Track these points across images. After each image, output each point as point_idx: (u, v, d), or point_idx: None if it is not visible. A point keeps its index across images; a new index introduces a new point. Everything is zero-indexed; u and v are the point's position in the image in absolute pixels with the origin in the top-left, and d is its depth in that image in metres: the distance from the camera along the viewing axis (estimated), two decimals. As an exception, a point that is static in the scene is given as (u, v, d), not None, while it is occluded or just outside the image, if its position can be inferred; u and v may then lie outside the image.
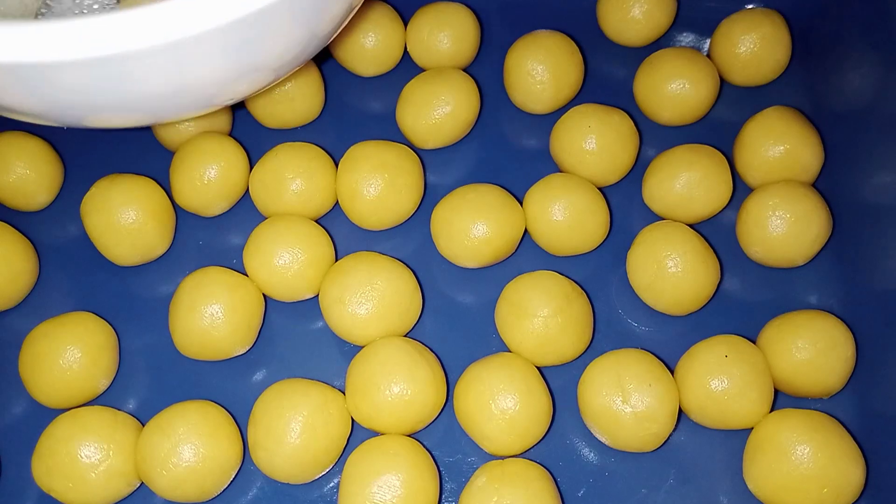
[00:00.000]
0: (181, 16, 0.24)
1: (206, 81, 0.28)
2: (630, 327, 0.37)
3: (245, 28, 0.25)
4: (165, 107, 0.29)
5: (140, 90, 0.27)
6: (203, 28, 0.24)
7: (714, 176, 0.36)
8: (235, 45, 0.26)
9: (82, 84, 0.25)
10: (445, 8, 0.41)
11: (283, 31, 0.27)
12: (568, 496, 0.33)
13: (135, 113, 0.29)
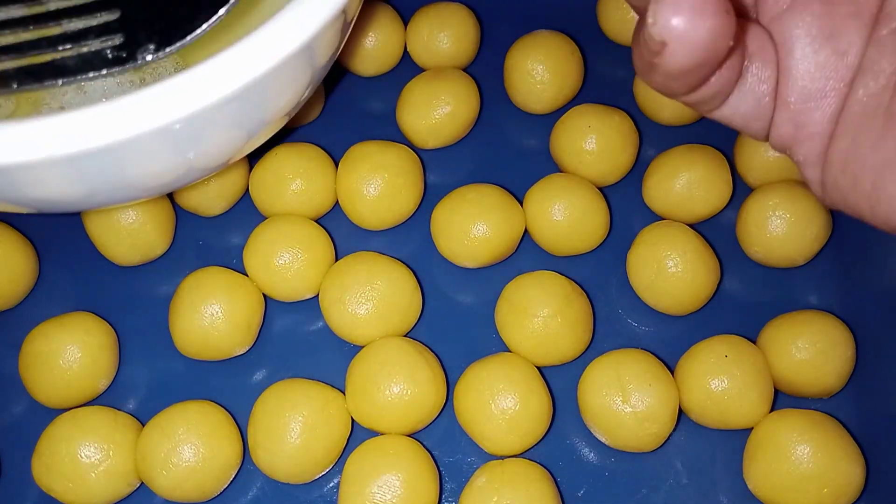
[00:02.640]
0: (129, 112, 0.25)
1: (147, 178, 0.28)
2: (630, 327, 0.37)
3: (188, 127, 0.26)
4: (112, 199, 0.30)
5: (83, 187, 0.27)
6: (145, 128, 0.25)
7: (714, 176, 0.36)
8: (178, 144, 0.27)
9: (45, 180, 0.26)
10: (445, 8, 0.41)
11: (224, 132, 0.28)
12: (568, 496, 0.33)
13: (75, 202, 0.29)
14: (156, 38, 0.28)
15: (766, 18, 0.24)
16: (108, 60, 0.28)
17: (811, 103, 0.23)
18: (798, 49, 0.23)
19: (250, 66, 0.25)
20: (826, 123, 0.23)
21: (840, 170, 0.23)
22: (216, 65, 0.25)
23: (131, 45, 0.28)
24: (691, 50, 0.20)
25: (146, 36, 0.28)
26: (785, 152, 0.25)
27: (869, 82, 0.22)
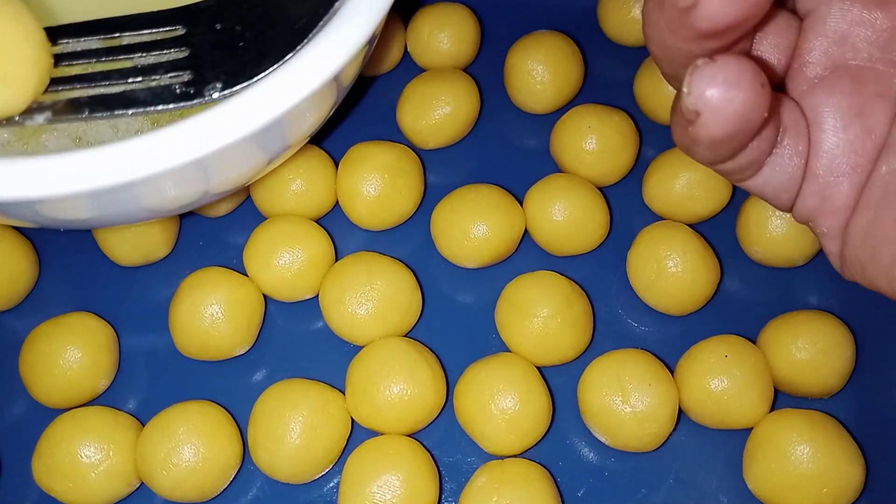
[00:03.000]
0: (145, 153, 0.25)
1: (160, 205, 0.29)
2: (630, 327, 0.37)
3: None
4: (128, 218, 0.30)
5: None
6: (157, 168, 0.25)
7: (714, 176, 0.36)
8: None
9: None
10: (445, 8, 0.41)
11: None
12: (568, 496, 0.33)
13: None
14: (223, 77, 0.29)
15: (797, 92, 0.25)
16: (176, 95, 0.29)
17: (838, 178, 0.24)
18: (828, 124, 0.24)
19: (278, 101, 0.26)
20: (850, 198, 0.24)
21: (860, 243, 0.24)
22: (246, 100, 0.26)
23: (199, 82, 0.29)
24: (725, 121, 0.21)
25: (214, 74, 0.29)
26: (808, 224, 0.26)
27: (892, 160, 0.23)
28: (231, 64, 0.29)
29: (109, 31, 0.30)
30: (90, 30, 0.30)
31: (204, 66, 0.29)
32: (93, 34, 0.30)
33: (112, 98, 0.29)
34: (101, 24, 0.31)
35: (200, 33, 0.30)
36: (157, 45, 0.30)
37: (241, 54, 0.29)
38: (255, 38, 0.29)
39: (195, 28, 0.30)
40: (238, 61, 0.29)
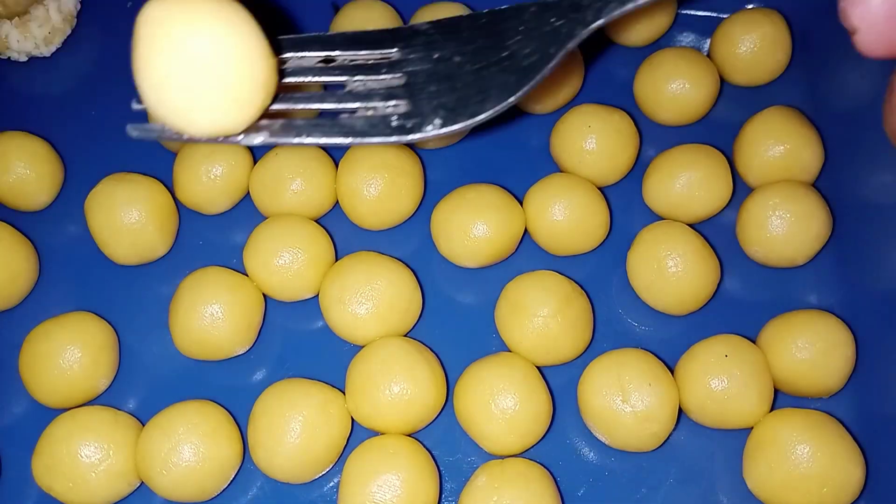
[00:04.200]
0: None
1: None
2: (630, 327, 0.37)
3: None
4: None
5: None
6: None
7: (714, 176, 0.36)
8: None
9: None
10: (445, 8, 0.41)
11: None
12: (568, 496, 0.33)
13: None
14: (442, 112, 0.27)
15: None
16: (393, 128, 0.28)
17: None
18: None
19: None
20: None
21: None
22: None
23: (416, 114, 0.28)
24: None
25: (431, 108, 0.28)
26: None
27: None
28: (450, 97, 0.28)
29: (323, 47, 0.29)
30: (304, 44, 0.30)
31: (421, 96, 0.28)
32: (307, 49, 0.29)
33: (328, 125, 0.28)
34: (315, 40, 0.30)
35: (416, 60, 0.29)
36: (373, 68, 0.29)
37: (461, 88, 0.28)
38: (475, 72, 0.28)
39: (410, 53, 0.29)
40: (459, 95, 0.28)
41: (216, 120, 0.26)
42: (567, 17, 0.27)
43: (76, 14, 0.44)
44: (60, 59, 0.44)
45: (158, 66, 0.25)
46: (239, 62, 0.25)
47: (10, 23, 0.42)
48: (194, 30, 0.24)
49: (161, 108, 0.26)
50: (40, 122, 0.41)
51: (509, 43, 0.28)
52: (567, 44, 0.27)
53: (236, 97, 0.25)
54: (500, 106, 0.27)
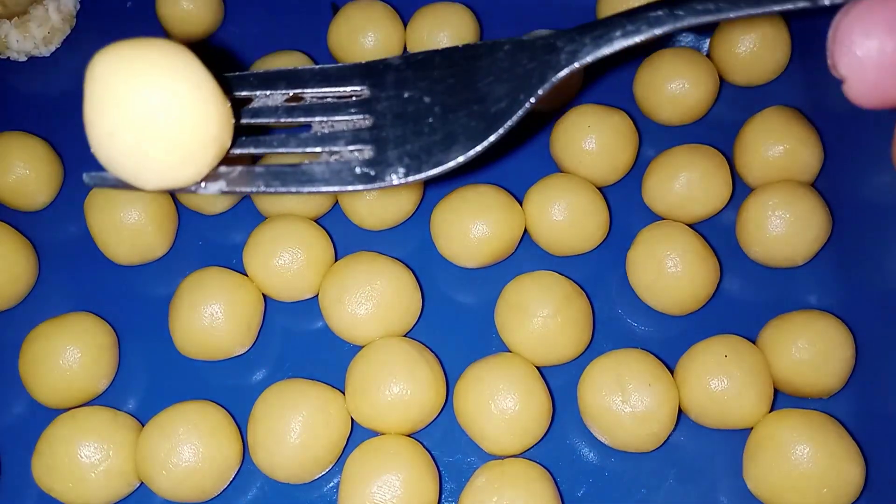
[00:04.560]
0: None
1: None
2: (630, 327, 0.37)
3: None
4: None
5: None
6: None
7: (714, 176, 0.36)
8: None
9: None
10: (445, 8, 0.41)
11: None
12: (568, 496, 0.33)
13: None
14: (406, 160, 0.27)
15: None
16: (355, 175, 0.27)
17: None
18: None
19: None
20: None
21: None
22: None
23: (380, 162, 0.27)
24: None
25: (396, 155, 0.27)
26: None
27: None
28: (416, 143, 0.27)
29: (291, 84, 0.29)
30: (271, 81, 0.29)
31: (387, 141, 0.27)
32: (274, 86, 0.29)
33: (288, 173, 0.27)
34: (282, 75, 0.29)
35: (385, 98, 0.28)
36: (340, 108, 0.28)
37: (428, 133, 0.27)
38: (443, 115, 0.27)
39: (380, 91, 0.28)
40: (424, 142, 0.27)
41: (165, 177, 0.25)
42: (539, 60, 0.27)
43: (75, 14, 0.44)
44: (60, 58, 0.44)
45: (103, 123, 0.24)
46: (187, 119, 0.24)
47: (10, 23, 0.42)
48: (138, 87, 0.23)
49: (109, 165, 0.25)
50: (40, 122, 0.41)
51: (480, 84, 0.27)
52: (537, 90, 0.26)
53: (185, 154, 0.25)
54: (464, 157, 0.27)
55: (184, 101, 0.24)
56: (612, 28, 0.26)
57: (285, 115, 0.28)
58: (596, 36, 0.26)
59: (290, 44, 0.42)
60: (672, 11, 0.25)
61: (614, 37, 0.26)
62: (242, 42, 0.44)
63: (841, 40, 0.23)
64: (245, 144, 0.28)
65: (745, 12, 0.24)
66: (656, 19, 0.25)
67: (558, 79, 0.26)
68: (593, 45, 0.26)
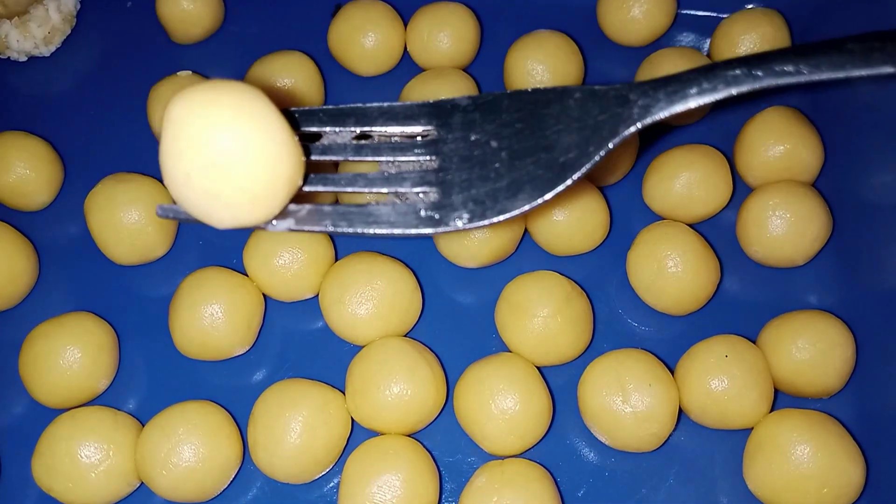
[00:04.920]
0: None
1: None
2: (630, 327, 0.37)
3: None
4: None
5: None
6: None
7: (714, 176, 0.36)
8: None
9: None
10: (445, 8, 0.41)
11: None
12: (568, 496, 0.33)
13: None
14: (471, 205, 0.26)
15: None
16: (420, 218, 0.27)
17: None
18: None
19: None
20: None
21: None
22: None
23: (445, 206, 0.27)
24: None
25: (461, 200, 0.26)
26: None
27: None
28: (481, 188, 0.26)
29: (359, 121, 0.28)
30: (340, 117, 0.28)
31: (452, 184, 0.27)
32: (342, 123, 0.28)
33: (355, 214, 0.27)
34: (351, 112, 0.29)
35: (452, 140, 0.27)
36: (407, 149, 0.28)
37: (494, 178, 0.26)
38: (510, 161, 0.27)
39: (447, 132, 0.28)
40: (490, 187, 0.26)
41: (237, 217, 0.26)
42: (611, 112, 0.26)
43: (76, 14, 0.44)
44: (60, 58, 0.44)
45: (179, 165, 0.24)
46: (260, 164, 0.24)
47: (10, 23, 0.42)
48: (213, 132, 0.24)
49: (183, 205, 0.26)
50: (40, 122, 0.41)
51: (549, 132, 0.27)
52: (608, 143, 0.26)
53: (257, 196, 0.25)
54: (530, 206, 0.26)
55: (258, 147, 0.24)
56: (688, 84, 0.26)
57: (353, 153, 0.28)
58: (671, 91, 0.26)
59: (290, 44, 0.42)
60: (751, 71, 0.25)
61: (689, 94, 0.26)
62: (242, 42, 0.44)
63: None
64: (314, 182, 0.28)
65: (826, 76, 0.24)
66: (734, 79, 0.25)
67: (630, 133, 0.26)
68: (667, 101, 0.26)
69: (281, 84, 0.39)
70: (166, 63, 0.43)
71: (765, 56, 0.25)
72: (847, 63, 0.24)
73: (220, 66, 0.43)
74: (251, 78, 0.40)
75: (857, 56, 0.24)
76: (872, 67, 0.24)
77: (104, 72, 0.44)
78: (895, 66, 0.24)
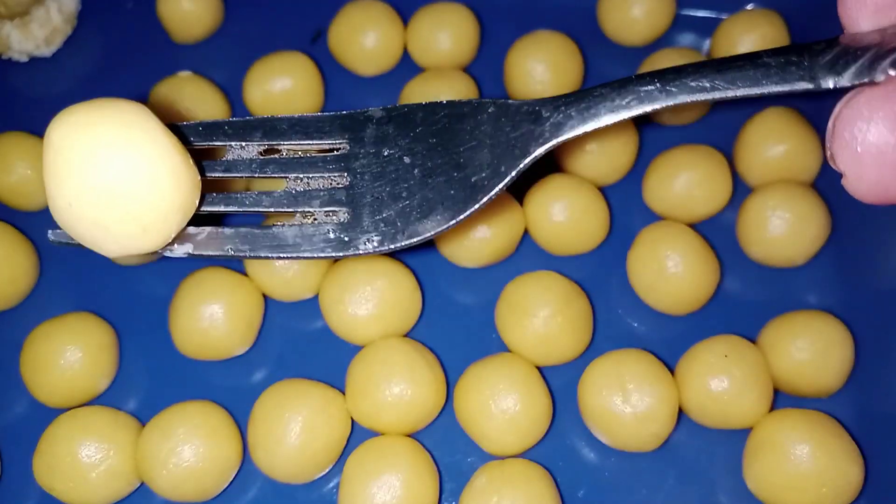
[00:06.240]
0: None
1: None
2: (630, 327, 0.37)
3: None
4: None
5: None
6: None
7: (714, 176, 0.36)
8: None
9: None
10: (445, 8, 0.41)
11: None
12: (568, 496, 0.33)
13: None
14: (382, 227, 0.26)
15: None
16: (328, 240, 0.26)
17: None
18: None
19: None
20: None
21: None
22: None
23: (354, 227, 0.26)
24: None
25: (372, 222, 0.26)
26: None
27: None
28: (392, 209, 0.26)
29: (267, 135, 0.27)
30: (247, 130, 0.28)
31: (363, 203, 0.26)
32: (249, 137, 0.27)
33: (258, 236, 0.26)
34: (257, 125, 0.28)
35: (364, 156, 0.27)
36: (317, 164, 0.27)
37: (406, 197, 0.26)
38: (423, 179, 0.26)
39: (359, 147, 0.27)
40: (401, 207, 0.26)
41: (126, 247, 0.24)
42: (523, 129, 0.26)
43: (77, 14, 0.45)
44: (61, 59, 0.44)
45: (61, 194, 0.23)
46: (147, 190, 0.23)
47: (11, 23, 0.42)
48: (95, 157, 0.22)
49: (71, 233, 0.24)
50: (41, 123, 0.41)
51: (462, 149, 0.26)
52: (519, 163, 0.25)
53: (146, 226, 0.24)
54: (441, 228, 0.26)
55: (144, 171, 0.23)
56: (600, 100, 0.25)
57: (259, 170, 0.27)
58: (582, 109, 0.25)
59: (290, 44, 0.42)
60: (665, 87, 0.24)
61: (600, 112, 0.25)
62: (242, 42, 0.44)
63: (840, 133, 0.21)
64: (215, 202, 0.27)
65: (743, 92, 0.23)
66: (647, 95, 0.24)
67: (541, 152, 0.25)
68: (579, 119, 0.25)
69: (280, 85, 0.39)
70: (166, 63, 0.43)
71: (680, 70, 0.24)
72: (763, 79, 0.23)
73: (220, 66, 0.43)
74: (251, 78, 0.40)
75: (772, 70, 0.23)
76: (789, 83, 0.23)
77: (105, 72, 0.44)
78: (811, 83, 0.23)
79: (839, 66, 0.22)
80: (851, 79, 0.22)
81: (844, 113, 0.21)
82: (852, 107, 0.21)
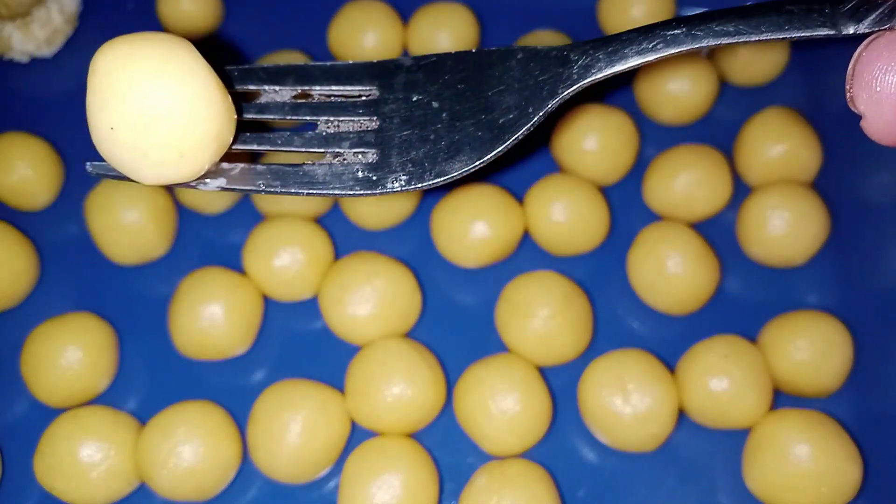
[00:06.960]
0: None
1: None
2: (630, 327, 0.37)
3: None
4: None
5: None
6: None
7: (714, 176, 0.36)
8: None
9: None
10: (445, 8, 0.41)
11: None
12: (568, 496, 0.33)
13: None
14: (409, 167, 0.26)
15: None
16: (357, 179, 0.26)
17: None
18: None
19: None
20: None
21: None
22: None
23: (383, 167, 0.26)
24: None
25: (400, 162, 0.26)
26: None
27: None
28: (420, 150, 0.26)
29: (299, 80, 0.28)
30: (280, 76, 0.28)
31: (391, 145, 0.27)
32: (282, 82, 0.28)
33: (289, 173, 0.27)
34: (291, 71, 0.28)
35: (393, 101, 0.27)
36: (347, 108, 0.28)
37: (434, 140, 0.26)
38: (451, 123, 0.26)
39: (389, 92, 0.28)
40: (429, 149, 0.26)
41: (163, 174, 0.25)
42: (551, 72, 0.26)
43: (78, 15, 0.45)
44: (62, 59, 0.44)
45: (102, 118, 0.24)
46: (186, 118, 0.24)
47: (13, 24, 0.42)
48: (137, 85, 0.23)
49: (109, 160, 0.25)
50: (42, 123, 0.41)
51: (490, 93, 0.27)
52: (547, 104, 0.26)
53: (184, 152, 0.24)
54: (467, 168, 0.26)
55: (183, 100, 0.24)
56: (627, 44, 0.26)
57: (291, 112, 0.28)
58: (610, 52, 0.26)
59: (291, 43, 0.42)
60: (690, 31, 0.25)
61: (628, 54, 0.26)
62: (242, 42, 0.44)
63: (860, 74, 0.22)
64: (248, 141, 0.28)
65: (766, 37, 0.24)
66: (673, 38, 0.25)
67: (569, 94, 0.26)
68: (607, 62, 0.26)
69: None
70: (167, 63, 0.43)
71: (705, 16, 0.25)
72: (786, 24, 0.24)
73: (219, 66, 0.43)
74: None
75: (795, 17, 0.24)
76: (811, 29, 0.24)
77: (105, 72, 0.44)
78: (833, 29, 0.24)
79: (860, 14, 0.23)
80: (871, 25, 0.23)
81: (865, 55, 0.21)
82: (872, 49, 0.22)
